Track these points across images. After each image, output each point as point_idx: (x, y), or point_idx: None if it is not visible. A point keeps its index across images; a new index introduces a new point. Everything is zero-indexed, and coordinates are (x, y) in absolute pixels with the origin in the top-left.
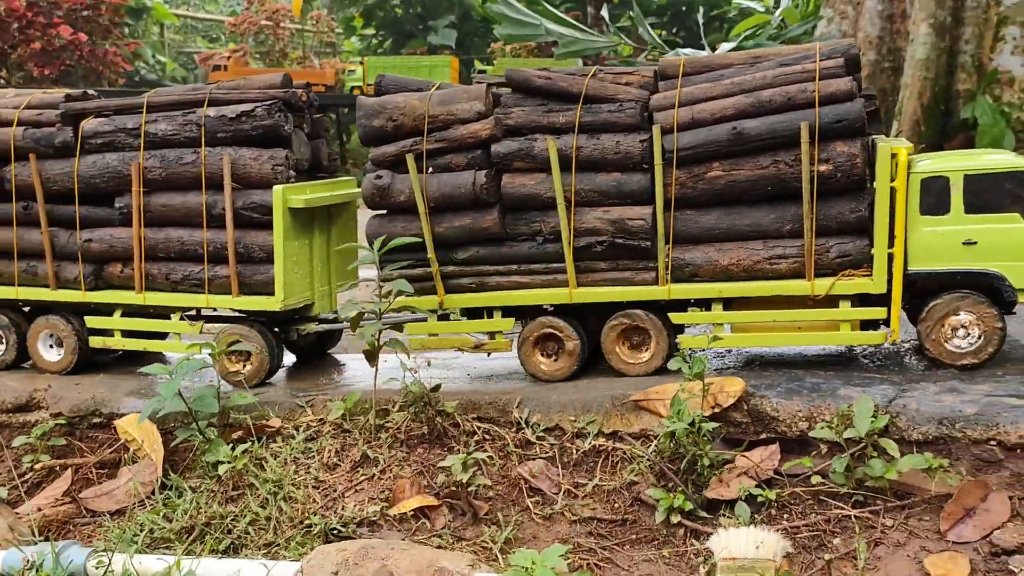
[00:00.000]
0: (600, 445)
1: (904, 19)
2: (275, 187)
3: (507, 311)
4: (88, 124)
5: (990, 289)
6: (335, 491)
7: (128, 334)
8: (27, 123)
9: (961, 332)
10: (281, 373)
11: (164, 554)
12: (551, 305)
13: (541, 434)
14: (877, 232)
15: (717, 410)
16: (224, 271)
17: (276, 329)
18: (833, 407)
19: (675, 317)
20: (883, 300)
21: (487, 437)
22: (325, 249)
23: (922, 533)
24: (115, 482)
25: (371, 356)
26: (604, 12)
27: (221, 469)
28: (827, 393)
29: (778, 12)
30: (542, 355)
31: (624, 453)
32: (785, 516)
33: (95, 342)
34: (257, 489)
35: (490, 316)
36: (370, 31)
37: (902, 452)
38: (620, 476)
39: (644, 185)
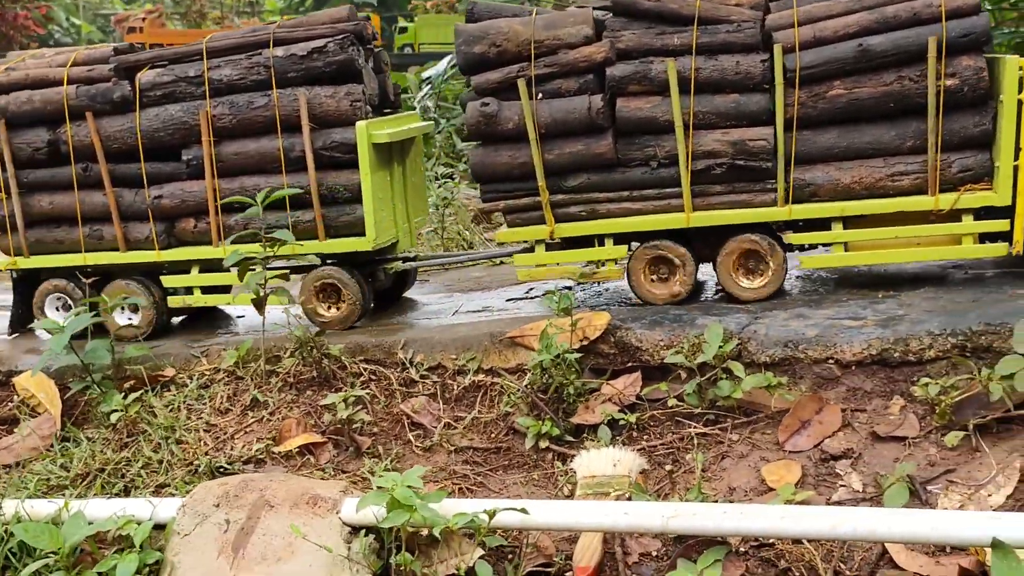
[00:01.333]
0: (479, 381)
1: None
2: (358, 123)
3: (618, 239)
4: (145, 76)
5: None
6: (226, 434)
7: (207, 291)
8: (78, 80)
9: None
10: (178, 324)
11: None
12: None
13: (424, 373)
14: (1003, 145)
15: (585, 343)
16: (308, 216)
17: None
18: (692, 335)
19: (796, 238)
20: (1006, 213)
21: (373, 377)
22: (402, 185)
23: (763, 445)
24: (13, 437)
25: (258, 305)
26: None
27: (114, 417)
28: (687, 323)
29: None
30: (655, 279)
31: (500, 387)
32: (644, 437)
33: (175, 302)
34: (150, 435)
35: (600, 244)
36: None
37: (750, 373)
38: (496, 408)
39: (764, 106)
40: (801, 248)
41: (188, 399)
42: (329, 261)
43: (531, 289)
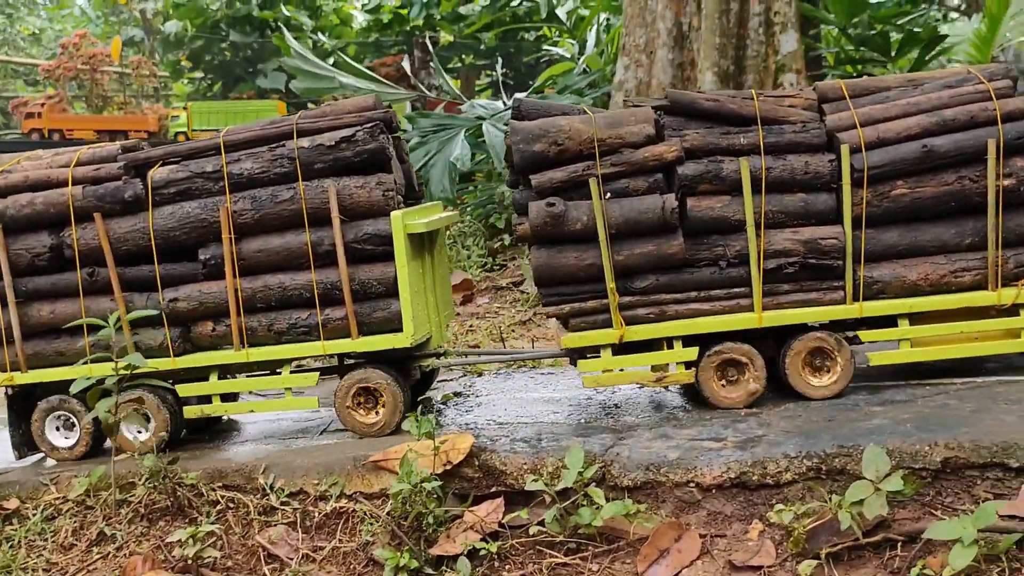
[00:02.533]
0: (341, 507)
1: (693, 67)
2: (393, 213)
3: (687, 341)
4: (157, 173)
5: None
6: (66, 573)
7: (226, 398)
8: (84, 181)
9: None
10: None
11: None
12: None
13: (285, 499)
14: None
15: (449, 467)
16: (338, 313)
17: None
18: (555, 459)
19: (866, 335)
20: None
21: (231, 505)
22: (432, 278)
23: None
24: None
25: (109, 431)
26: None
27: None
28: (552, 445)
29: (582, 59)
30: (722, 381)
31: (363, 514)
32: (506, 567)
33: (191, 412)
34: None
35: (670, 347)
36: (198, 74)
37: (613, 498)
38: (357, 537)
39: (831, 205)
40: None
41: (30, 534)
42: (358, 361)
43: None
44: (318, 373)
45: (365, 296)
